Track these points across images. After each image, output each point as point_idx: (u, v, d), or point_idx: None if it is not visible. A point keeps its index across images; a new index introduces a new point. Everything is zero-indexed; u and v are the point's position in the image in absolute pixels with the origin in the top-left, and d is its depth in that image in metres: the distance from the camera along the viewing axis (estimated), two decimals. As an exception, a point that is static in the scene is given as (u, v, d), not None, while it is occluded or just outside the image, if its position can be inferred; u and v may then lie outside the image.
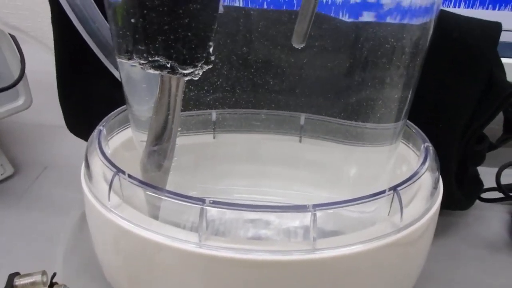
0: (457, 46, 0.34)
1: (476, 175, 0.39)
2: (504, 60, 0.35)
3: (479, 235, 0.39)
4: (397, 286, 0.29)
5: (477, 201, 0.40)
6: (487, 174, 0.39)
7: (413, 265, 0.29)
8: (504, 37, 0.35)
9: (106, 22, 0.30)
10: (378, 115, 0.31)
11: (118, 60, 0.28)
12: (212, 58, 0.25)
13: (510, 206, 0.41)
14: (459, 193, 0.37)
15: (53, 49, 0.40)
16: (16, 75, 0.43)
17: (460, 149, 0.35)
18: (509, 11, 0.43)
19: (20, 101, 0.45)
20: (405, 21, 0.27)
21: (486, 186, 0.39)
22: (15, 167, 0.47)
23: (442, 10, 0.33)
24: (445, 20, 0.33)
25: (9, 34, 0.42)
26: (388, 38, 0.28)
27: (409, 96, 0.30)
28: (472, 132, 0.35)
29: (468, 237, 0.39)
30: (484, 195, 0.40)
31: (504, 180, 0.38)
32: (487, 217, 0.41)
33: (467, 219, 0.40)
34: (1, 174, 0.45)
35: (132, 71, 0.28)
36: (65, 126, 0.43)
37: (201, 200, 0.24)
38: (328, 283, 0.26)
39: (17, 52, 0.43)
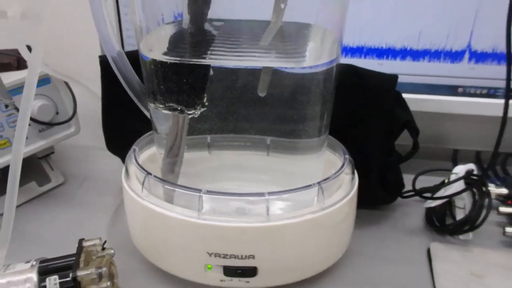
0: (367, 94, 0.44)
1: (400, 178, 0.49)
2: (405, 96, 0.46)
3: (402, 223, 0.49)
4: (328, 251, 0.39)
5: (400, 198, 0.50)
6: (406, 180, 0.49)
7: (337, 237, 0.40)
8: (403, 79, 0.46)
9: (137, 78, 0.40)
10: (307, 132, 0.40)
11: (148, 104, 0.40)
12: (206, 103, 0.36)
13: (424, 202, 0.49)
14: (383, 192, 0.48)
15: (95, 92, 0.49)
16: (70, 112, 0.52)
17: (381, 160, 0.47)
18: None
19: (72, 130, 0.53)
20: (319, 70, 0.37)
21: (406, 189, 0.49)
22: (65, 178, 0.56)
23: (352, 66, 0.44)
24: (356, 74, 0.44)
25: (64, 81, 0.51)
26: (307, 81, 0.37)
27: (325, 117, 0.39)
28: (386, 149, 0.46)
29: (393, 225, 0.48)
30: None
31: (419, 185, 0.48)
32: (408, 212, 0.51)
33: (393, 213, 0.51)
34: (55, 182, 0.55)
35: (156, 111, 0.38)
36: (102, 148, 0.51)
37: (199, 190, 0.36)
38: (279, 241, 0.37)
39: (70, 95, 0.52)
